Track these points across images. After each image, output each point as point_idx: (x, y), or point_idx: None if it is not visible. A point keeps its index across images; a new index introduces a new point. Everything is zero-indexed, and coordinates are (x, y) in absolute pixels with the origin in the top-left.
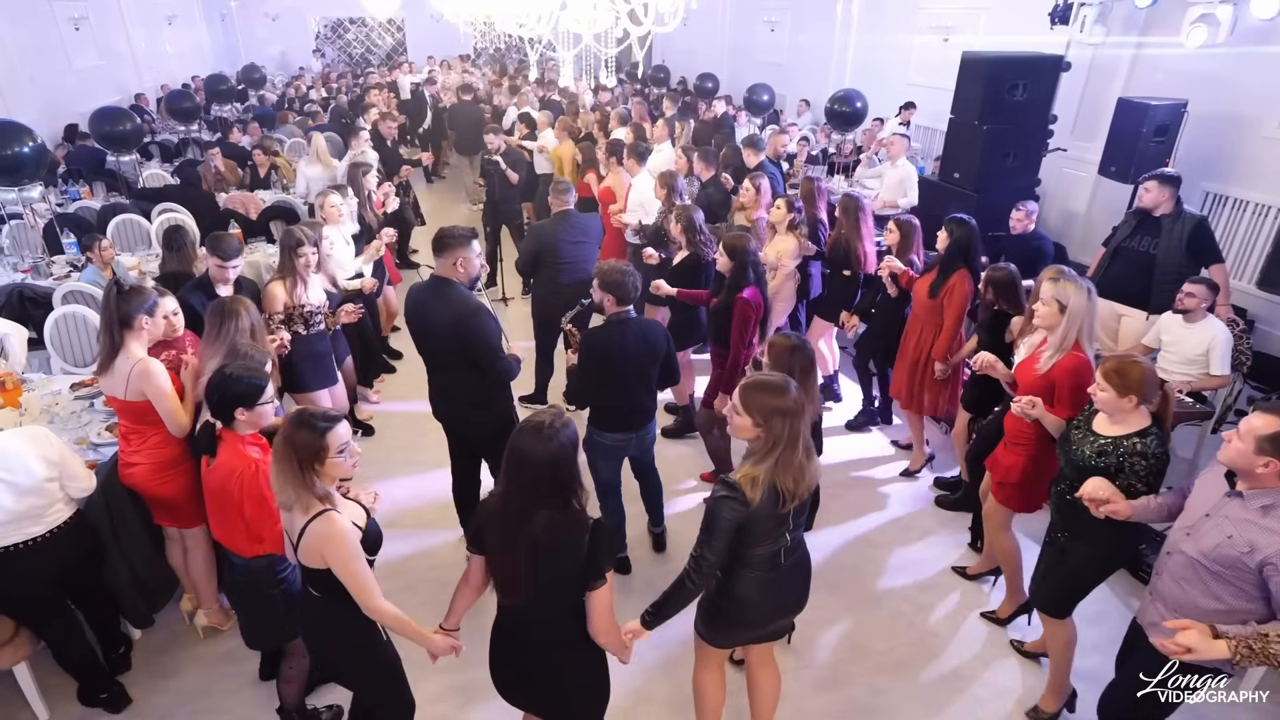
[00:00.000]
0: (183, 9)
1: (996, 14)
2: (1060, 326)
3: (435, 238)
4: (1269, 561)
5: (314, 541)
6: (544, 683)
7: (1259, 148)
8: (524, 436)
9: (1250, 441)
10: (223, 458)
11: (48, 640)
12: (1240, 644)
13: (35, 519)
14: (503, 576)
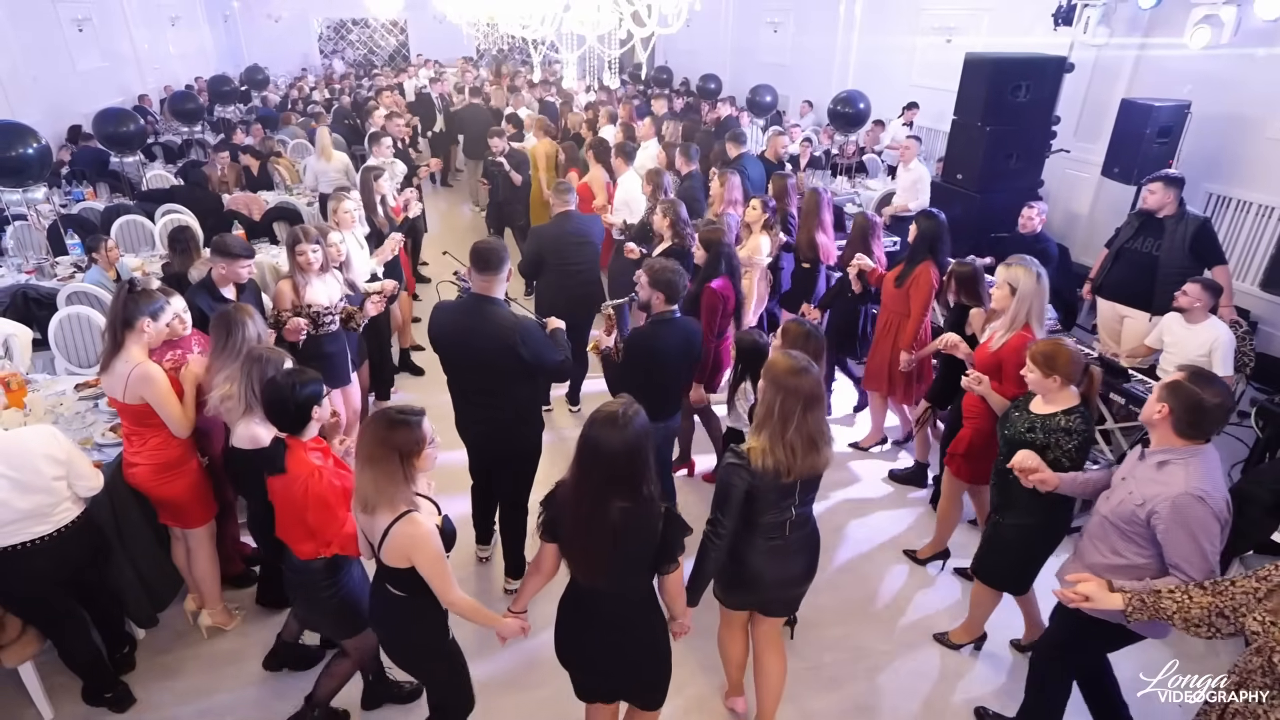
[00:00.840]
0: (186, 10)
1: (999, 15)
2: (1011, 307)
3: (476, 255)
4: (1154, 510)
5: (400, 543)
6: (620, 655)
7: (1262, 149)
8: (599, 427)
9: (1156, 390)
10: (290, 468)
11: (54, 639)
12: (1134, 598)
13: (43, 518)
14: (580, 563)
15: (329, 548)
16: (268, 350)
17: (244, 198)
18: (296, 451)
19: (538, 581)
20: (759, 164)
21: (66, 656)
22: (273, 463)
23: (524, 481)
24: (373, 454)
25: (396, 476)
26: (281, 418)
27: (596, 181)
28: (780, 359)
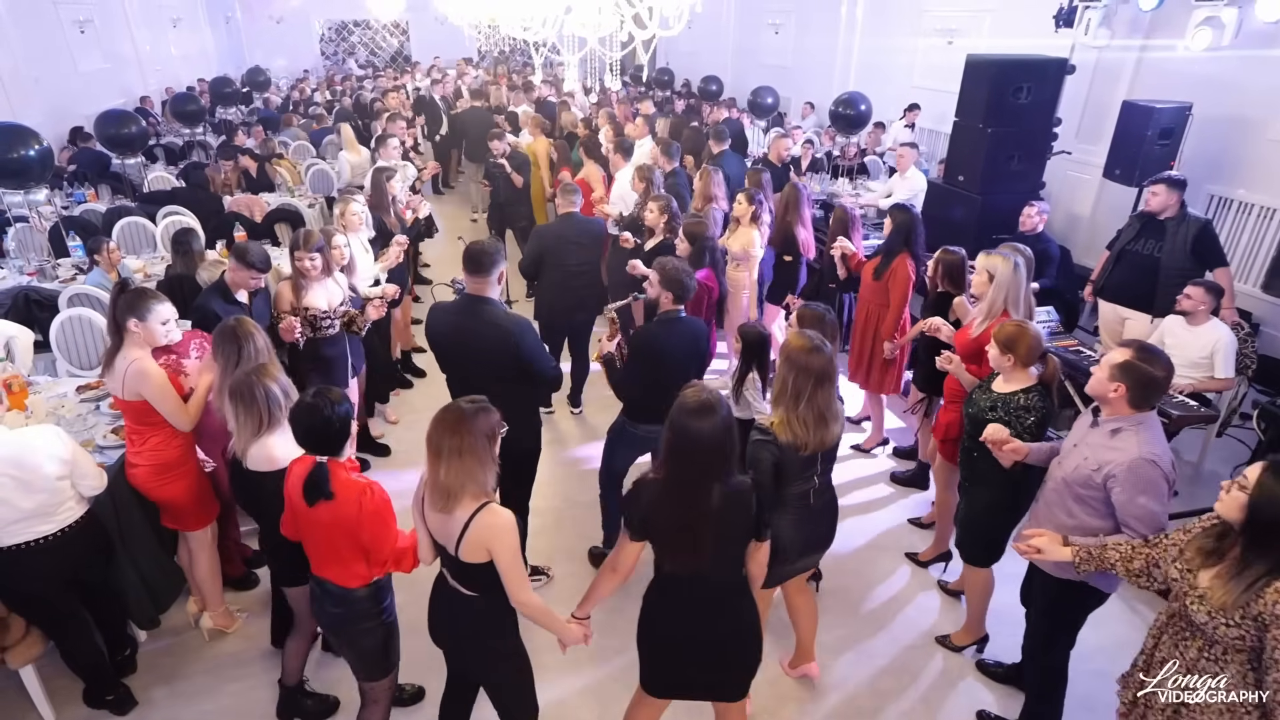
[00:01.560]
0: (187, 12)
1: (1001, 17)
2: (989, 294)
3: (469, 256)
4: (1111, 474)
5: (482, 534)
6: (713, 644)
7: (1264, 150)
8: (692, 417)
9: (1105, 369)
10: (338, 491)
11: (57, 640)
12: (1082, 550)
13: (46, 517)
14: (683, 552)
15: (384, 566)
16: (269, 369)
17: (245, 199)
18: (338, 473)
19: (614, 582)
20: (738, 160)
21: (69, 658)
22: (318, 489)
23: (524, 483)
24: (461, 445)
25: (487, 463)
26: (322, 441)
27: (592, 176)
28: (795, 338)
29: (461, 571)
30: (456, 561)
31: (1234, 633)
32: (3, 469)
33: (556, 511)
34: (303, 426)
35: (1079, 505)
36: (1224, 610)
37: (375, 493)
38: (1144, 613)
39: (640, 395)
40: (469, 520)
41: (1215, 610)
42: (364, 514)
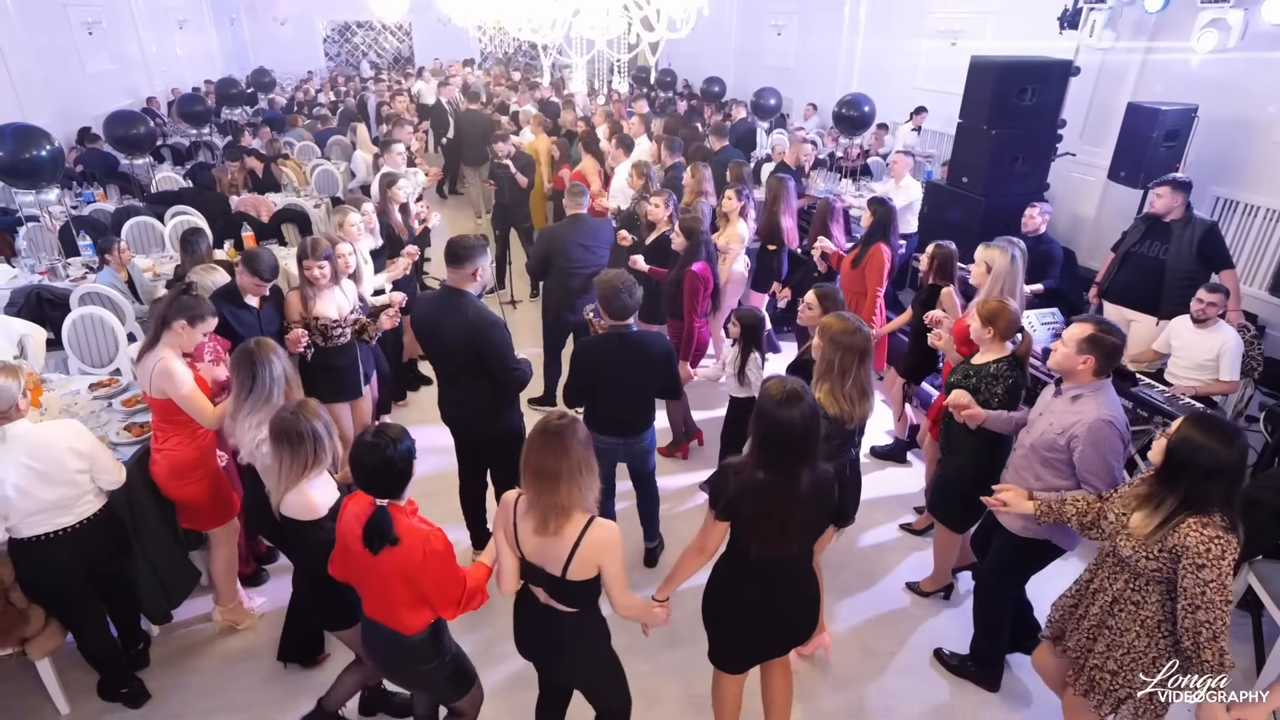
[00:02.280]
0: (193, 13)
1: (1005, 18)
2: (986, 284)
3: (449, 249)
4: (1073, 435)
5: (593, 550)
6: (788, 616)
7: (1270, 153)
8: (779, 407)
9: (1073, 345)
10: (403, 536)
11: (75, 632)
12: (1043, 504)
13: (65, 509)
14: (772, 536)
15: (454, 609)
16: (311, 406)
17: (251, 199)
18: (400, 518)
19: (700, 563)
20: (738, 154)
21: (86, 649)
22: (382, 535)
23: (509, 468)
24: (571, 464)
25: (592, 477)
26: (384, 484)
27: (589, 170)
28: (835, 321)
29: (565, 589)
30: (560, 581)
31: (1152, 565)
32: (25, 461)
33: None
34: (364, 468)
35: (1045, 468)
36: (1144, 543)
37: (438, 538)
38: None
39: (587, 402)
40: (579, 538)
41: (1138, 544)
42: (427, 561)
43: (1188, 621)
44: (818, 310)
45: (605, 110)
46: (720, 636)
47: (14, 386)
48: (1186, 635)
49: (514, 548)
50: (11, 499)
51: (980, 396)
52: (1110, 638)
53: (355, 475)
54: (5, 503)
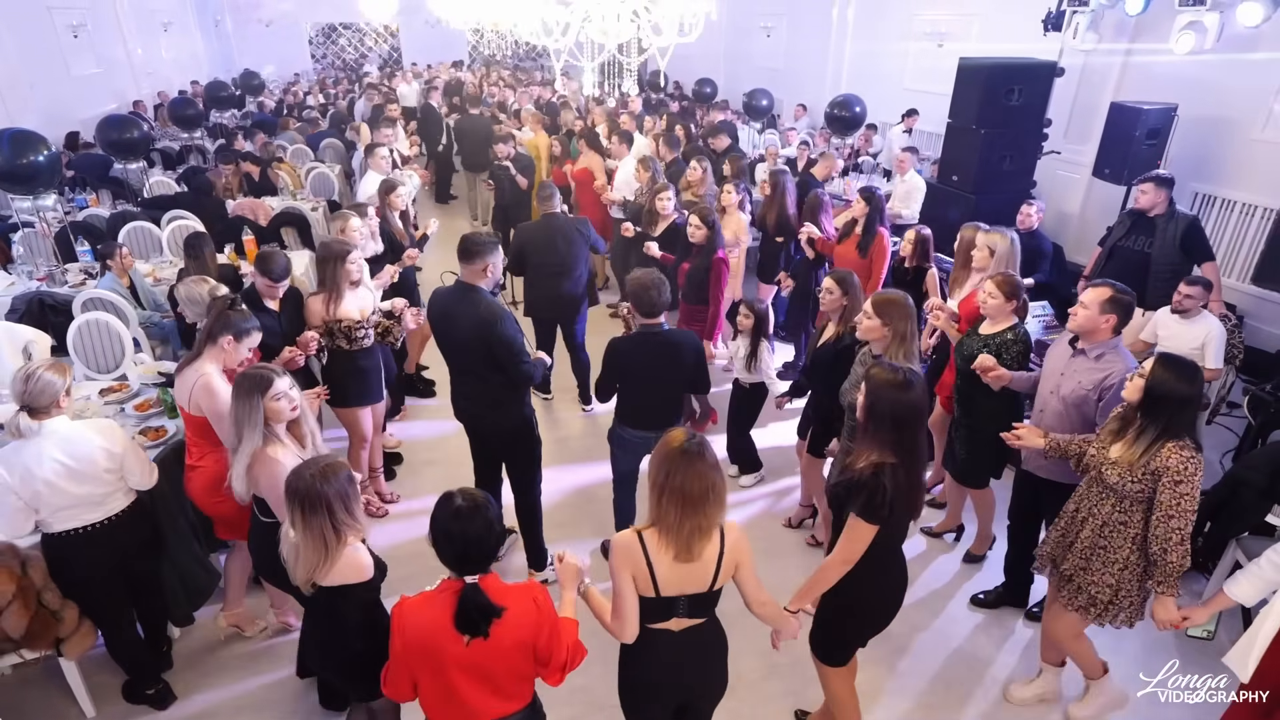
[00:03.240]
0: (178, 15)
1: (990, 21)
2: (991, 266)
3: (461, 245)
4: (1106, 386)
5: (734, 553)
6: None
7: (1246, 150)
8: (896, 391)
9: (1095, 307)
10: (508, 603)
11: (106, 630)
12: (1053, 440)
13: (95, 505)
14: (912, 515)
15: (562, 671)
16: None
17: (249, 203)
18: (491, 586)
19: (843, 573)
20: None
21: (116, 649)
22: (484, 615)
23: (520, 464)
24: (717, 484)
25: (725, 497)
26: (484, 555)
27: (595, 165)
28: (887, 296)
29: (710, 601)
30: (707, 595)
31: (1136, 487)
32: (59, 456)
33: (571, 505)
34: (465, 539)
35: (1079, 420)
36: (1130, 468)
37: (538, 589)
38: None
39: (619, 396)
40: (721, 548)
41: (1124, 470)
42: (542, 613)
43: (1160, 530)
44: (839, 294)
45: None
46: (858, 625)
47: (59, 382)
48: (1156, 542)
49: (649, 588)
50: (42, 493)
51: (1001, 361)
52: (1105, 556)
53: (444, 551)
54: (36, 496)
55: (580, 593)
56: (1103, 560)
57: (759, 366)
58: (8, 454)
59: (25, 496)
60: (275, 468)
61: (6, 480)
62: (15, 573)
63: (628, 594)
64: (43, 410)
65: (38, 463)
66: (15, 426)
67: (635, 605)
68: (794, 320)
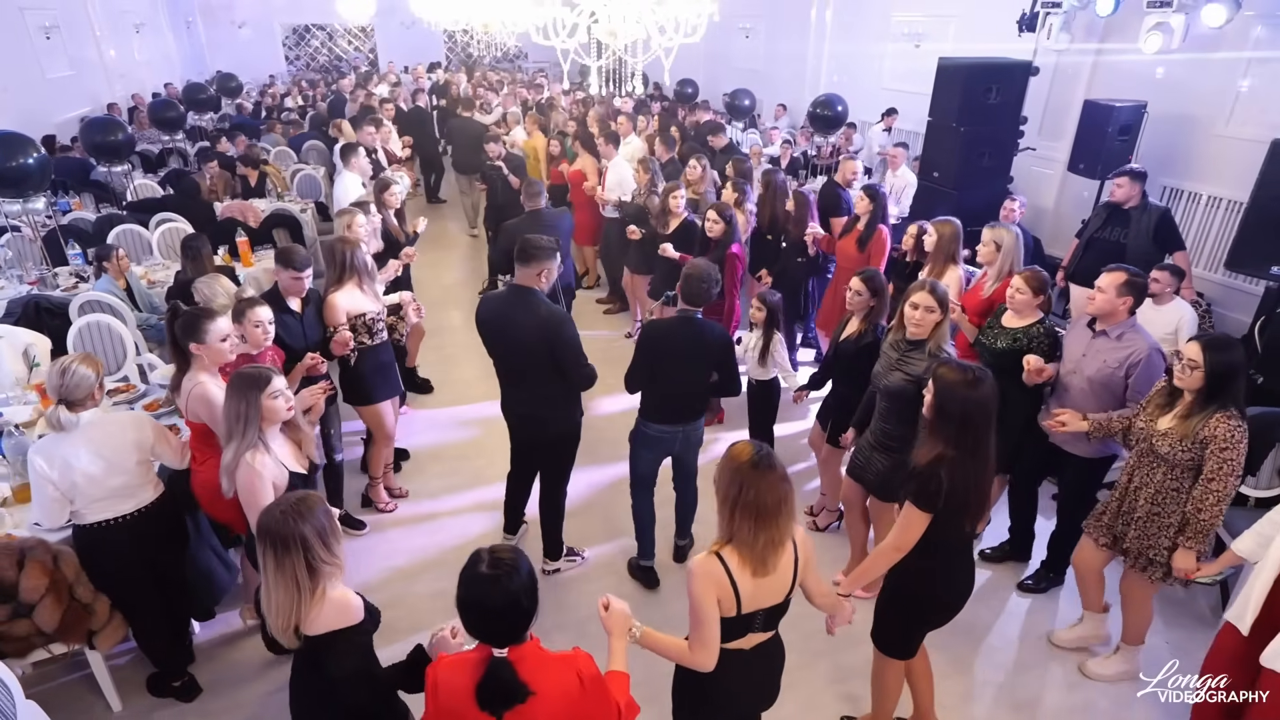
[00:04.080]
0: (149, 16)
1: (965, 22)
2: (998, 260)
3: (520, 247)
4: (1132, 364)
5: (805, 555)
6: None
7: (1211, 145)
8: (966, 388)
9: (1112, 290)
10: (538, 683)
11: (136, 621)
12: (1094, 422)
13: (128, 497)
14: (979, 509)
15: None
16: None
17: (238, 205)
18: (527, 658)
19: (895, 560)
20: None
21: (145, 640)
22: (508, 694)
23: (561, 464)
24: (785, 494)
25: (795, 507)
26: (509, 628)
27: (588, 167)
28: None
29: (776, 615)
30: (781, 606)
31: (1187, 456)
32: (94, 448)
33: (581, 498)
34: (482, 609)
35: (1107, 398)
36: (1181, 439)
37: (584, 660)
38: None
39: (647, 387)
40: (795, 556)
41: (1175, 441)
42: (587, 695)
43: (1199, 491)
44: (867, 295)
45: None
46: (920, 619)
47: (93, 375)
48: (1193, 501)
49: (732, 609)
50: (79, 484)
51: (1036, 354)
52: (1160, 521)
53: (468, 619)
54: (73, 488)
55: (635, 639)
56: (1158, 525)
57: (773, 360)
58: (47, 446)
59: (63, 488)
60: (254, 480)
61: (45, 472)
62: (48, 567)
63: (713, 620)
64: (79, 403)
65: (75, 455)
66: (56, 419)
67: (718, 631)
68: (787, 317)
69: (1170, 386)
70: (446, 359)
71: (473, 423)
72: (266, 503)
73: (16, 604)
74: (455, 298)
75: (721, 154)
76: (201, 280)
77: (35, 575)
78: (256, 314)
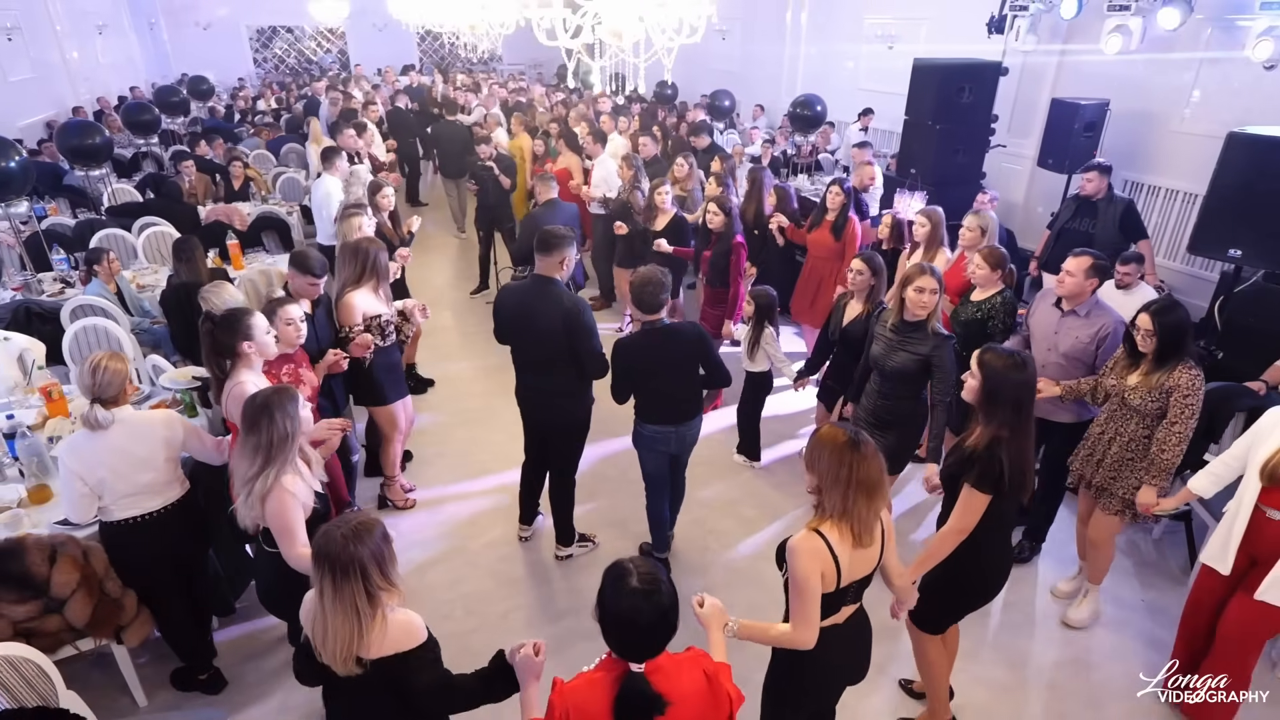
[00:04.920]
0: (112, 18)
1: (936, 24)
2: (982, 244)
3: (540, 238)
4: (1103, 336)
5: (889, 526)
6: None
7: (1169, 140)
8: (1013, 371)
9: (1080, 274)
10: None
11: (163, 617)
12: (1066, 388)
13: (156, 494)
14: (1028, 485)
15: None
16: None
17: (223, 209)
18: (663, 667)
19: (957, 543)
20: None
21: (172, 633)
22: (650, 708)
23: (572, 451)
24: (882, 470)
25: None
26: (656, 643)
27: (573, 165)
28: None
29: (864, 586)
30: (866, 580)
31: (1155, 405)
32: (124, 445)
33: (588, 485)
34: (639, 629)
35: (1078, 369)
36: (1150, 391)
37: (706, 659)
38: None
39: (636, 395)
40: (882, 526)
41: (1144, 393)
42: (715, 689)
43: (1162, 433)
44: (868, 274)
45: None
46: (960, 606)
47: (124, 370)
48: (1157, 443)
49: (833, 583)
50: (107, 480)
51: (994, 323)
52: (1132, 465)
53: (615, 634)
54: (101, 483)
55: (732, 633)
56: (1130, 469)
57: (764, 353)
58: (78, 441)
59: (91, 483)
60: (288, 500)
61: (74, 468)
62: (79, 561)
63: (816, 596)
64: (112, 400)
65: (106, 450)
66: (93, 418)
67: (819, 607)
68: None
69: (1132, 350)
70: (443, 359)
71: (474, 420)
72: (300, 526)
73: (48, 599)
74: (446, 299)
75: (703, 154)
76: (208, 289)
77: (67, 570)
78: (288, 312)
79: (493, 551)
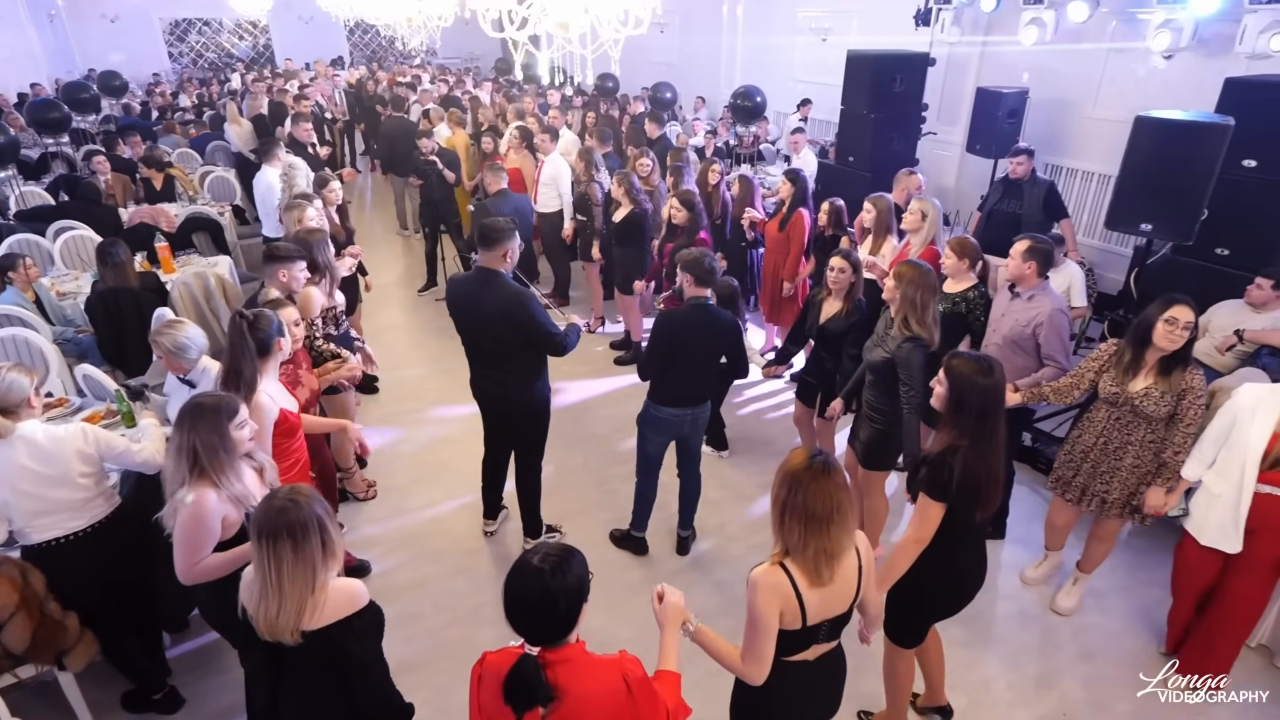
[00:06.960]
0: (6, 9)
1: (866, 16)
2: (924, 229)
3: (481, 231)
4: (1038, 324)
5: (867, 558)
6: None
7: (1083, 126)
8: (978, 376)
9: (1018, 257)
10: (570, 685)
11: (106, 640)
12: (1025, 391)
13: (76, 512)
14: (990, 498)
15: None
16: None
17: (149, 210)
18: (572, 661)
19: (918, 553)
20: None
21: (118, 656)
22: (531, 691)
23: (534, 441)
24: (836, 507)
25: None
26: (543, 627)
27: (526, 167)
28: (908, 269)
29: (840, 624)
30: (847, 615)
31: (1166, 409)
32: (27, 462)
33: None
34: (517, 600)
35: (1017, 355)
36: (1165, 395)
37: (631, 663)
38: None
39: (658, 376)
40: (859, 563)
41: (1158, 398)
42: (636, 699)
43: (1178, 437)
44: (850, 272)
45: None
46: (936, 614)
47: (26, 382)
48: (1171, 447)
49: (796, 621)
50: (10, 501)
51: (971, 317)
52: (1140, 471)
53: (505, 606)
54: (4, 505)
55: (689, 634)
56: (1138, 476)
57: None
58: None
59: None
60: (203, 514)
61: None
62: (17, 582)
63: (771, 634)
64: (13, 411)
65: (7, 468)
66: None
67: (774, 645)
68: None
69: (1131, 351)
70: (394, 356)
71: (431, 420)
72: (204, 544)
73: None
74: (393, 296)
75: (652, 144)
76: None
77: (4, 592)
78: (287, 314)
79: (458, 547)
